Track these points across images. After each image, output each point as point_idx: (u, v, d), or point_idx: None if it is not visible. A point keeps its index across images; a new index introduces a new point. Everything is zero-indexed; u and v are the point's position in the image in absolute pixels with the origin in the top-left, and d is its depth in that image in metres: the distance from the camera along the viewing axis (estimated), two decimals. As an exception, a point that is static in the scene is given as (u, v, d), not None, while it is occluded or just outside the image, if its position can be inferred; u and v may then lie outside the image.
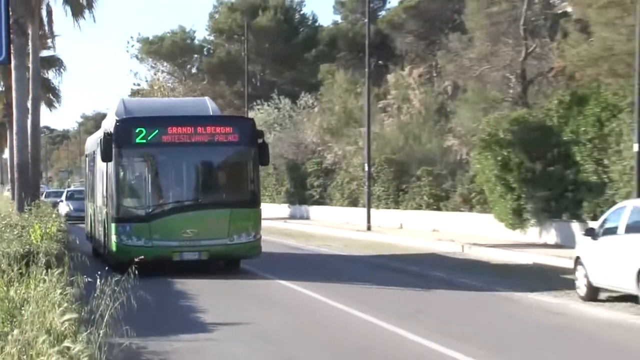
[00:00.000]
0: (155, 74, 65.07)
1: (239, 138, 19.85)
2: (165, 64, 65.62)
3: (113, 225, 19.62)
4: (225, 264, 20.29)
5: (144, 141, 19.40)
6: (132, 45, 65.38)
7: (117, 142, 19.31)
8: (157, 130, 19.40)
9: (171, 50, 64.27)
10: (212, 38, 65.46)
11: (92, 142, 26.02)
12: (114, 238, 19.49)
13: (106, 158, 19.55)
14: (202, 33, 65.12)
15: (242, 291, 17.43)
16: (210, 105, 22.05)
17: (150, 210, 19.55)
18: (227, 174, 20.97)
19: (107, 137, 19.54)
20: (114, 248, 19.49)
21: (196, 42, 66.46)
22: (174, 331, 12.38)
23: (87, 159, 28.26)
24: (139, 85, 66.43)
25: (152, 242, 19.12)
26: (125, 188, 19.92)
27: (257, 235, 19.83)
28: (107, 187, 20.73)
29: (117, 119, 20.07)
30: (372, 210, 34.54)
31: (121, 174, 19.70)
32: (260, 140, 20.04)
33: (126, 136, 19.41)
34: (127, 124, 19.71)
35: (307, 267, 22.13)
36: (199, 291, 16.62)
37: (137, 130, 19.35)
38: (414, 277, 19.37)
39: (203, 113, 21.30)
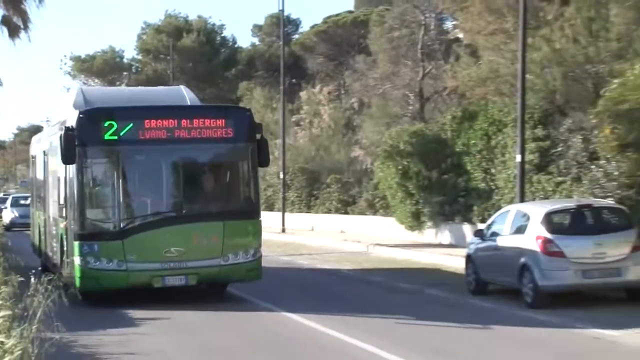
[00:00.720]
0: None
1: (234, 133, 14.62)
2: (96, 80, 64.63)
3: (76, 244, 14.12)
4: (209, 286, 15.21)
5: (115, 137, 14.11)
6: (65, 63, 64.36)
7: (82, 140, 14.06)
8: (131, 124, 14.19)
9: (102, 68, 63.41)
10: (140, 57, 64.64)
11: (40, 142, 20.31)
12: (77, 260, 14.03)
13: (67, 159, 14.16)
14: (130, 52, 64.20)
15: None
16: (187, 95, 16.64)
17: (123, 224, 14.21)
18: (219, 178, 15.40)
19: (69, 133, 14.07)
20: (77, 273, 14.08)
21: (125, 60, 65.59)
22: (103, 326, 12.19)
23: (33, 160, 21.72)
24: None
25: (126, 264, 13.93)
26: (92, 196, 14.50)
27: (257, 253, 14.71)
28: (66, 195, 15.16)
29: (81, 110, 14.65)
30: (287, 214, 34.65)
31: (87, 178, 14.26)
32: (258, 136, 14.87)
33: (92, 132, 14.15)
34: (94, 116, 14.35)
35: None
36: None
37: (106, 124, 14.08)
38: (321, 273, 19.41)
39: (179, 104, 16.02)
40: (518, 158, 19.12)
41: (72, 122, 14.44)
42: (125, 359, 10.36)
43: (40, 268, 17.62)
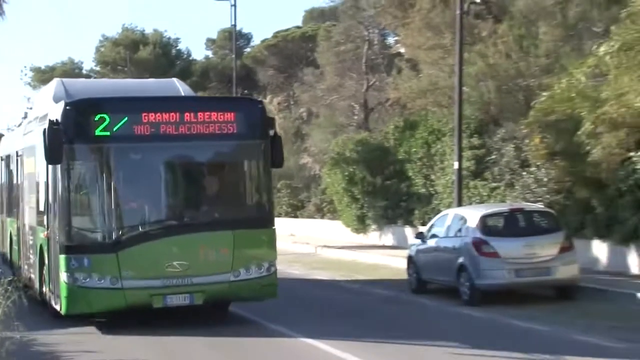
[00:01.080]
0: None
1: (245, 128, 12.03)
2: (56, 90, 63.69)
3: (62, 258, 11.40)
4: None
5: (108, 133, 11.43)
6: (26, 74, 63.67)
7: (68, 136, 11.37)
8: (126, 118, 11.51)
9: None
10: (98, 68, 63.98)
11: (12, 142, 17.28)
12: (63, 277, 11.34)
13: (53, 159, 11.44)
14: (89, 64, 63.34)
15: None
16: (181, 88, 14.36)
17: (118, 234, 11.54)
18: (227, 181, 12.70)
19: (54, 128, 11.38)
20: (63, 292, 11.40)
21: (84, 71, 64.83)
22: (62, 326, 11.98)
23: (2, 162, 18.40)
24: (31, 108, 64.29)
25: (121, 282, 11.30)
26: (81, 202, 11.77)
27: (272, 267, 12.14)
28: (48, 201, 12.46)
29: (67, 101, 11.81)
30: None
31: (74, 181, 11.62)
32: (271, 132, 12.26)
33: (81, 126, 11.48)
34: (82, 108, 11.61)
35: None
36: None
37: (96, 118, 11.40)
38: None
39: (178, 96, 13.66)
40: (456, 165, 19.33)
41: (56, 115, 11.57)
42: (84, 357, 10.20)
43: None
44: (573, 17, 21.19)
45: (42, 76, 62.63)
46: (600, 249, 17.23)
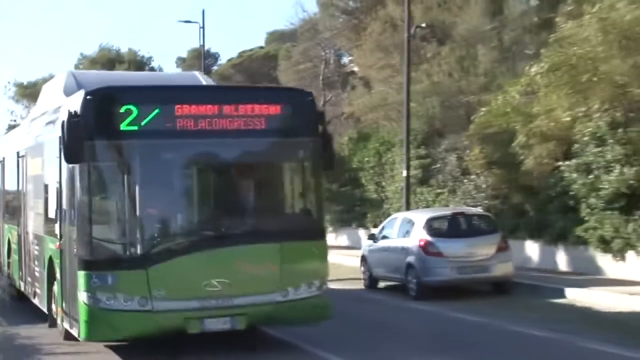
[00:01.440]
0: (29, 112, 62.27)
1: (294, 124, 9.40)
2: (38, 104, 62.87)
3: (82, 275, 8.81)
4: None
5: (135, 128, 8.83)
6: (9, 89, 62.84)
7: (90, 130, 8.75)
8: (157, 110, 8.90)
9: (43, 93, 61.69)
10: (77, 84, 63.18)
11: (12, 142, 14.47)
12: (83, 297, 8.78)
13: (72, 157, 8.81)
14: (69, 80, 62.23)
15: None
16: (205, 82, 11.63)
17: (148, 247, 8.94)
18: (274, 185, 10.00)
19: (73, 120, 8.77)
20: (83, 315, 8.80)
21: (64, 87, 64.00)
22: (43, 320, 11.78)
23: (0, 165, 15.49)
24: (15, 121, 63.41)
25: (152, 303, 8.73)
26: (104, 209, 9.06)
27: (323, 285, 9.50)
28: (61, 207, 9.84)
29: (88, 90, 9.10)
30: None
31: (96, 185, 8.95)
32: (320, 129, 9.59)
33: (105, 120, 8.85)
34: (106, 98, 8.96)
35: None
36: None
37: (122, 110, 8.81)
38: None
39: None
40: (404, 173, 19.48)
41: (74, 106, 8.87)
42: (63, 348, 10.03)
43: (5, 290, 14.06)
44: (508, 41, 21.58)
45: (25, 91, 61.78)
46: (532, 249, 17.51)
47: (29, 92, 61.45)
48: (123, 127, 8.80)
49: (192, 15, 45.48)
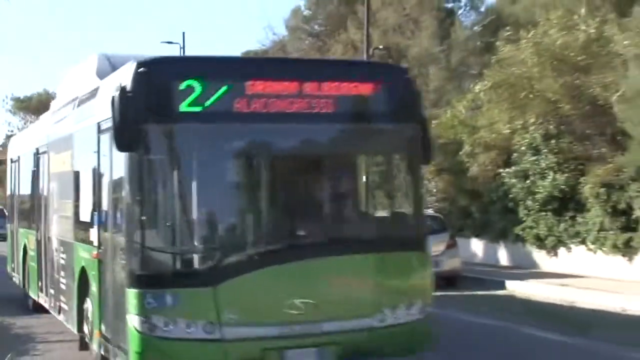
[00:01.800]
0: (25, 124, 61.91)
1: (391, 106, 6.50)
2: (33, 116, 62.23)
3: (133, 294, 5.85)
4: None
5: (198, 109, 5.91)
6: (7, 103, 62.36)
7: (141, 112, 5.80)
8: (225, 87, 5.96)
9: (37, 106, 60.99)
10: (68, 98, 62.63)
11: (27, 140, 12.14)
12: (134, 322, 5.84)
13: (123, 142, 5.81)
14: (61, 95, 61.80)
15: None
16: None
17: (217, 259, 5.97)
18: (369, 183, 7.04)
19: (124, 96, 5.83)
20: (135, 345, 5.85)
21: (56, 101, 63.53)
22: (38, 311, 11.55)
23: (15, 164, 12.76)
24: (12, 131, 63.02)
25: (221, 329, 5.84)
26: (160, 212, 6.05)
27: (427, 306, 6.55)
28: (102, 208, 6.99)
29: (140, 61, 6.03)
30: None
31: (149, 181, 5.98)
32: (419, 113, 6.72)
33: (160, 98, 5.90)
34: (163, 71, 6.01)
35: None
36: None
37: (182, 87, 5.88)
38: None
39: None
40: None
41: (123, 81, 6.09)
42: (56, 336, 9.83)
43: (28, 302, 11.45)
44: (455, 62, 21.88)
45: (21, 104, 61.36)
46: (477, 246, 17.71)
47: (24, 106, 60.93)
48: (183, 107, 5.89)
49: (172, 37, 45.18)
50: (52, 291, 9.44)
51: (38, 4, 70.08)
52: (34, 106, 60.75)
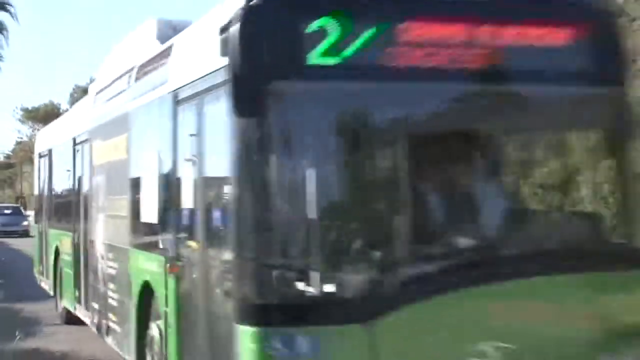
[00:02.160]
0: (33, 131, 62.44)
1: (603, 65, 3.25)
2: (40, 125, 62.66)
3: (248, 335, 2.94)
4: None
5: (337, 60, 2.91)
6: (17, 113, 63.46)
7: (254, 67, 2.82)
8: (374, 29, 2.94)
9: (45, 116, 61.92)
10: (72, 109, 62.72)
11: (60, 130, 9.18)
12: None
13: (244, 104, 2.78)
14: (65, 106, 62.27)
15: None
16: None
17: (373, 282, 2.94)
18: (584, 169, 3.61)
19: (246, 40, 2.91)
20: None
21: (61, 111, 63.83)
22: (43, 298, 11.32)
23: (44, 159, 9.90)
24: (21, 138, 64.27)
25: None
26: (293, 212, 2.96)
27: None
28: (190, 206, 3.98)
29: None
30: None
31: (274, 158, 2.91)
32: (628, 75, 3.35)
33: (283, 46, 2.86)
34: (285, 8, 2.97)
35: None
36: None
37: (311, 29, 2.86)
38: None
39: None
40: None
41: (236, 21, 3.22)
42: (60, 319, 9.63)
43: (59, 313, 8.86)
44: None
45: (29, 114, 62.34)
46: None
47: (32, 115, 61.66)
48: (315, 59, 3.34)
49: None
50: (96, 305, 6.79)
51: (46, 24, 69.41)
52: (41, 116, 61.16)
